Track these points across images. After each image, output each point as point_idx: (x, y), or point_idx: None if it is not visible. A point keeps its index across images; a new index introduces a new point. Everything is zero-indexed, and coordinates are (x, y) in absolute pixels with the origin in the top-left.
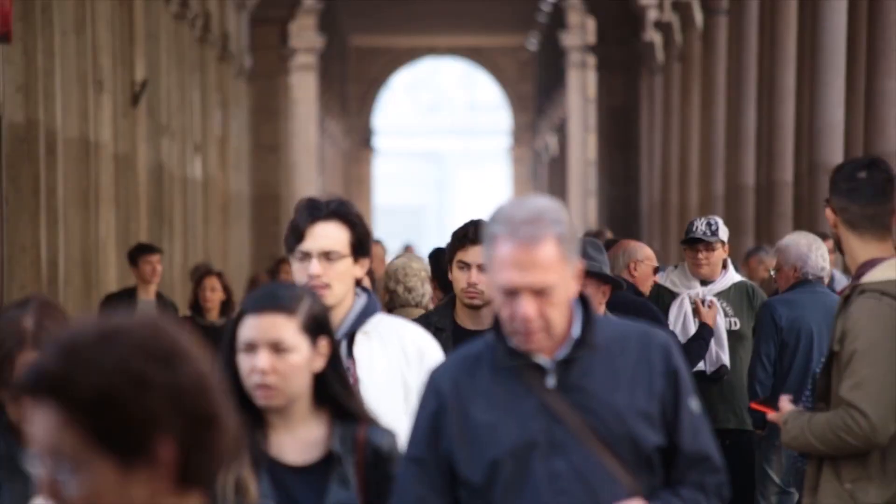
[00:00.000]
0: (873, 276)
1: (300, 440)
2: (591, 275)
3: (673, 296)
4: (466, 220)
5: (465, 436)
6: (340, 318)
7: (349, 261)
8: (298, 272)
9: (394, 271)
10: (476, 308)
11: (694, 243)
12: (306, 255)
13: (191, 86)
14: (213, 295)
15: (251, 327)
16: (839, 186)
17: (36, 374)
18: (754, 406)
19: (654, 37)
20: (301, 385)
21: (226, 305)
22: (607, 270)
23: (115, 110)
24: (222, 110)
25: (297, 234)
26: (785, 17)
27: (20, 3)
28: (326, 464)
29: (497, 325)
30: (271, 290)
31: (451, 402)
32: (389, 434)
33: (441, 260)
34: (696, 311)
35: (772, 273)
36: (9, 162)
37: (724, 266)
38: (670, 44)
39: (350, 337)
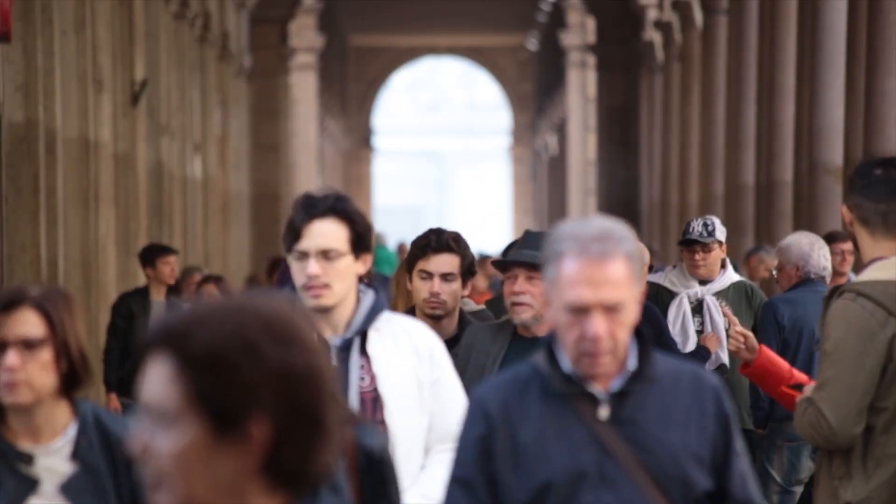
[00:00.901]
0: (863, 275)
1: None
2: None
3: (672, 295)
4: (425, 230)
5: (513, 459)
6: (347, 316)
7: (349, 258)
8: (297, 272)
9: None
10: (437, 319)
11: (690, 244)
12: (304, 255)
13: (190, 85)
14: None
15: None
16: (855, 183)
17: (158, 328)
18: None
19: (653, 36)
20: None
21: None
22: None
23: (114, 110)
24: (222, 110)
25: (294, 233)
26: (785, 17)
27: (20, 2)
28: None
29: (550, 348)
30: None
31: (499, 424)
32: (380, 435)
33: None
34: (695, 311)
35: (773, 272)
36: (8, 161)
37: (723, 266)
38: (670, 43)
39: (362, 334)
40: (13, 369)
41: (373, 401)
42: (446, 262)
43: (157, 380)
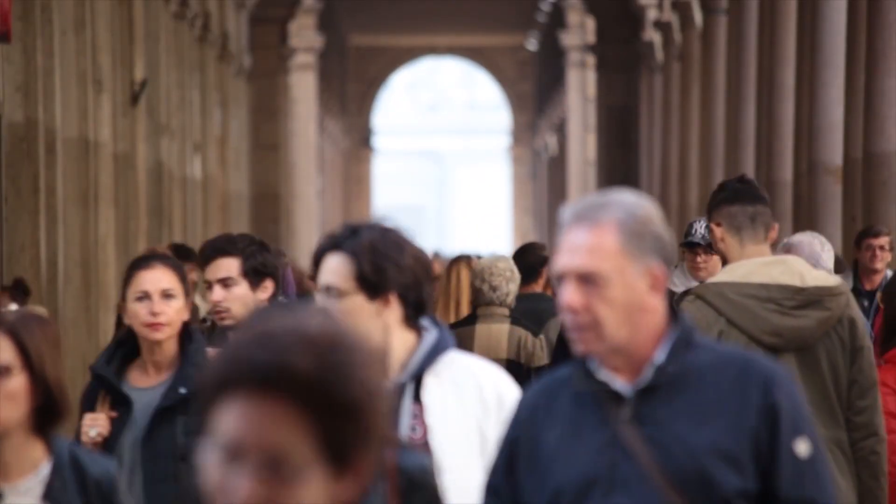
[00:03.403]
0: (711, 278)
1: None
2: None
3: (673, 296)
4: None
5: (532, 463)
6: (402, 357)
7: (358, 298)
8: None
9: (480, 270)
10: (234, 329)
11: (693, 246)
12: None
13: (190, 85)
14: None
15: None
16: (719, 199)
17: (273, 369)
18: None
19: (653, 36)
20: None
21: None
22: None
23: (114, 110)
24: (222, 110)
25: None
26: (784, 17)
27: (20, 2)
28: None
29: None
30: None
31: (525, 428)
32: (424, 457)
33: (527, 255)
34: None
35: None
36: (8, 161)
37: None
38: (670, 43)
39: (417, 379)
40: None
41: None
42: (223, 267)
43: (274, 427)
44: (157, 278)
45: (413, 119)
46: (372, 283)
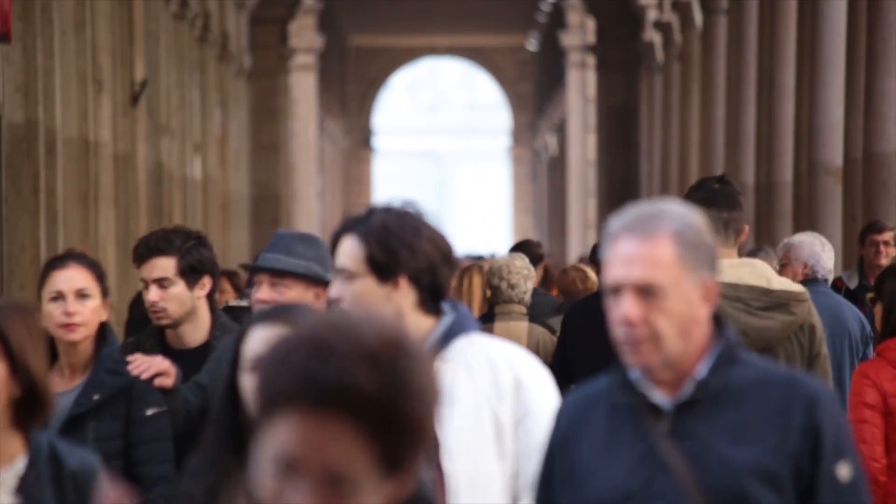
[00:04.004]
0: None
1: None
2: (297, 276)
3: None
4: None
5: (568, 479)
6: None
7: (368, 281)
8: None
9: (498, 268)
10: (173, 328)
11: None
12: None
13: (190, 85)
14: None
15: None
16: (694, 199)
17: (335, 388)
18: None
19: (653, 36)
20: None
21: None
22: (319, 270)
23: (114, 110)
24: (222, 110)
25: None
26: (784, 17)
27: (19, 2)
28: None
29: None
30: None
31: (562, 442)
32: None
33: (524, 252)
34: None
35: (775, 266)
36: (8, 161)
37: None
38: (670, 43)
39: None
40: None
41: None
42: (158, 267)
43: (337, 447)
44: (71, 277)
45: (413, 119)
46: (382, 266)
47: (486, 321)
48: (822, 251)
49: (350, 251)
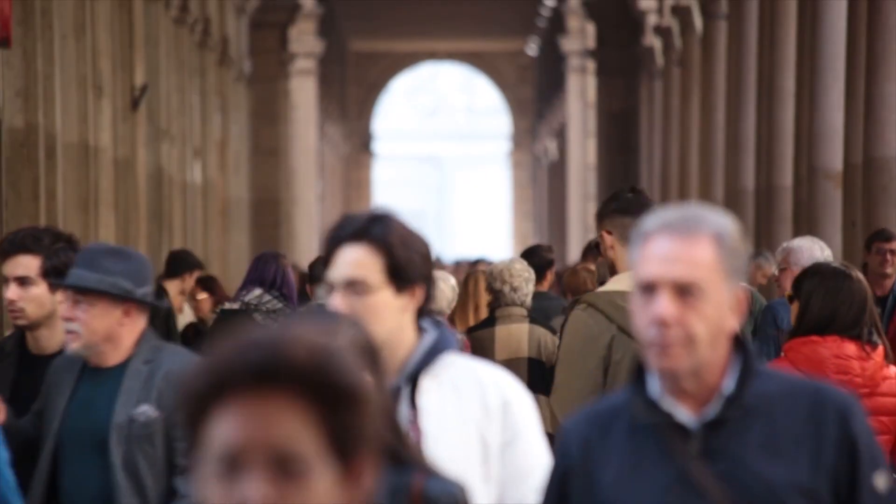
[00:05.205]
0: (601, 287)
1: None
2: (100, 293)
3: None
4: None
5: (589, 502)
6: (401, 358)
7: (387, 293)
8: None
9: (499, 272)
10: (31, 329)
11: None
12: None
13: (190, 90)
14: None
15: None
16: (610, 207)
17: (268, 362)
18: None
19: (653, 41)
20: None
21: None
22: (127, 285)
23: (114, 114)
24: (222, 114)
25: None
26: (784, 21)
27: (20, 6)
28: None
29: (639, 371)
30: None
31: (578, 464)
32: (454, 485)
33: (534, 257)
34: None
35: (774, 272)
36: (8, 166)
37: None
38: (670, 48)
39: (413, 381)
40: None
41: None
42: (21, 265)
43: (283, 425)
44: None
45: (413, 124)
46: (402, 276)
47: (487, 325)
48: (821, 256)
49: (362, 261)
